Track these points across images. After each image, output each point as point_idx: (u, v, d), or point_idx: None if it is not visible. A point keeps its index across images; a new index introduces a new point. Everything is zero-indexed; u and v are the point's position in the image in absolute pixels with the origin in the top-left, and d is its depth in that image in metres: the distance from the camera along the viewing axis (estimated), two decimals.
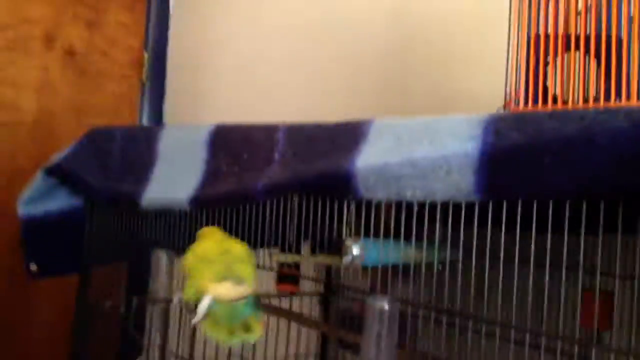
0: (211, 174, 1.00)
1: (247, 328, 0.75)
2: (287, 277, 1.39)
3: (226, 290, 0.74)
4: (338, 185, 0.80)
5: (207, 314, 0.74)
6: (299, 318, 1.41)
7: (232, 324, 0.74)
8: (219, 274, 0.76)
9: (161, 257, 1.12)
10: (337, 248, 0.90)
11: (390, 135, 0.77)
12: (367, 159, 0.78)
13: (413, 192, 0.74)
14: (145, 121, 2.15)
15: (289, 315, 1.37)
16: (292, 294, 1.39)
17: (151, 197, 1.10)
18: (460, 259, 0.81)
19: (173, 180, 1.08)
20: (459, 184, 0.69)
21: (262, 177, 0.91)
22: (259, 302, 0.78)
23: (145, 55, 2.17)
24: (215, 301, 0.74)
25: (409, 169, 0.73)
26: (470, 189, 0.69)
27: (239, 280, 0.76)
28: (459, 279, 0.83)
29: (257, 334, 0.76)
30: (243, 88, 1.96)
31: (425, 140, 0.73)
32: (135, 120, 2.14)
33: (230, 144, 0.99)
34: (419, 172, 0.73)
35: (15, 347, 1.82)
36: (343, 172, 0.79)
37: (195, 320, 0.74)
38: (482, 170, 0.67)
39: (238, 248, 0.82)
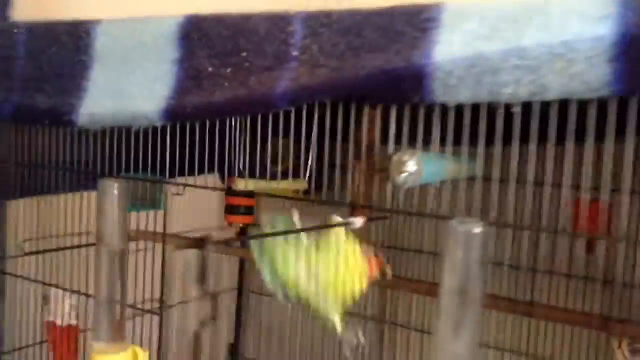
0: (190, 78, 0.78)
1: None
2: (238, 207, 1.21)
3: None
4: (404, 87, 0.64)
5: None
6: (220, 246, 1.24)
7: None
8: None
9: (109, 188, 0.88)
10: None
11: (480, 18, 0.62)
12: (450, 49, 0.62)
13: (516, 89, 0.60)
14: None
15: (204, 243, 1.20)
16: (244, 225, 1.22)
17: (93, 112, 0.85)
18: None
19: (126, 88, 0.83)
20: (586, 75, 0.57)
21: (279, 79, 0.71)
22: None
23: None
24: None
25: (515, 60, 0.60)
26: (603, 80, 0.57)
27: None
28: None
29: None
30: None
31: (535, 23, 0.59)
32: None
33: (216, 40, 0.77)
34: (528, 62, 0.59)
35: None
36: (414, 69, 0.63)
37: None
38: (623, 56, 0.56)
39: None
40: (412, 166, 0.68)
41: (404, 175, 0.68)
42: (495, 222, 0.68)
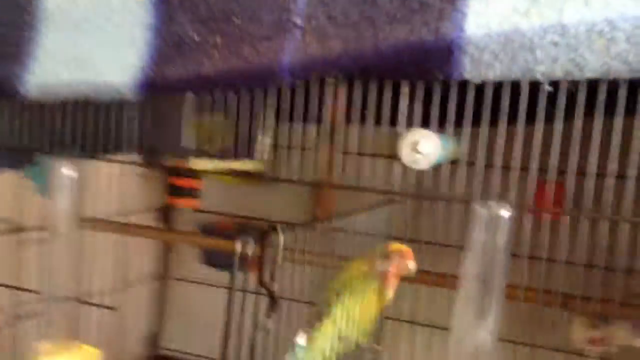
0: (170, 46, 0.69)
1: None
2: (183, 189, 1.12)
3: None
4: (430, 62, 0.60)
5: None
6: (140, 230, 1.14)
7: None
8: None
9: (62, 170, 0.77)
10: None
11: None
12: (484, 23, 0.58)
13: (552, 67, 0.57)
14: None
15: (126, 229, 1.10)
16: (195, 210, 1.12)
17: (45, 82, 0.73)
18: None
19: (85, 56, 0.72)
20: (628, 55, 0.55)
21: (282, 51, 0.64)
22: None
23: None
24: None
25: (555, 37, 0.57)
26: None
27: None
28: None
29: None
30: None
31: None
32: None
33: (201, 4, 0.69)
34: (568, 40, 0.56)
35: None
36: (444, 42, 0.59)
37: None
38: None
39: None
40: (425, 147, 0.64)
41: (417, 157, 0.64)
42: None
